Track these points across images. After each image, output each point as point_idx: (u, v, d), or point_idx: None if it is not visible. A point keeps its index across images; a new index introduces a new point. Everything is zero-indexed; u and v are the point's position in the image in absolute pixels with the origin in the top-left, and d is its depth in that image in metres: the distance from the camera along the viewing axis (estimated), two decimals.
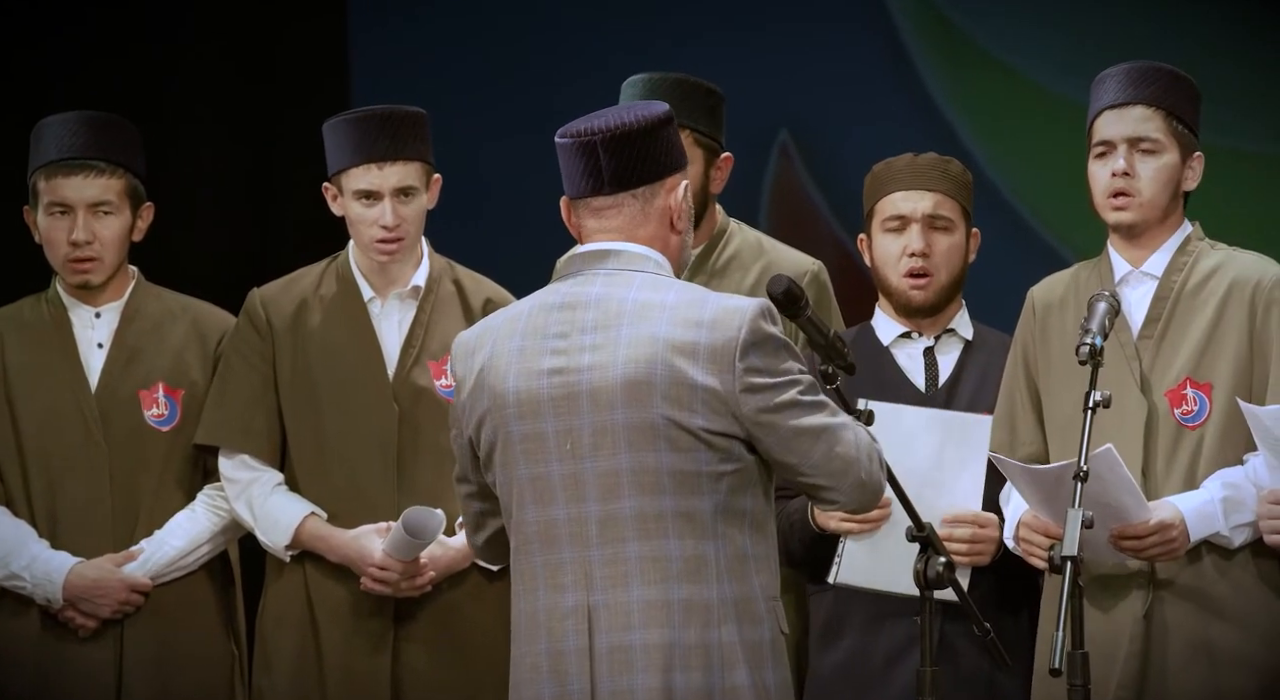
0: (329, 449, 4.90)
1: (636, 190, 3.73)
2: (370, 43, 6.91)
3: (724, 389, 3.63)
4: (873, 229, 4.85)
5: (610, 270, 3.73)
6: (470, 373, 3.77)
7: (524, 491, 3.72)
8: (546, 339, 3.71)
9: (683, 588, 3.63)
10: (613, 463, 3.65)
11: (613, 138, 3.71)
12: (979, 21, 6.60)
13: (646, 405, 3.63)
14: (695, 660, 3.62)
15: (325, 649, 4.87)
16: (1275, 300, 4.53)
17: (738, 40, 6.68)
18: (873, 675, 4.68)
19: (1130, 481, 4.39)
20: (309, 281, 5.00)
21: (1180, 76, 4.60)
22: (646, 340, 3.65)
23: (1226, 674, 4.46)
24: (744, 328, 3.64)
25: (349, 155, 4.86)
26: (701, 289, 3.73)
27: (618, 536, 3.65)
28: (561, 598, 3.68)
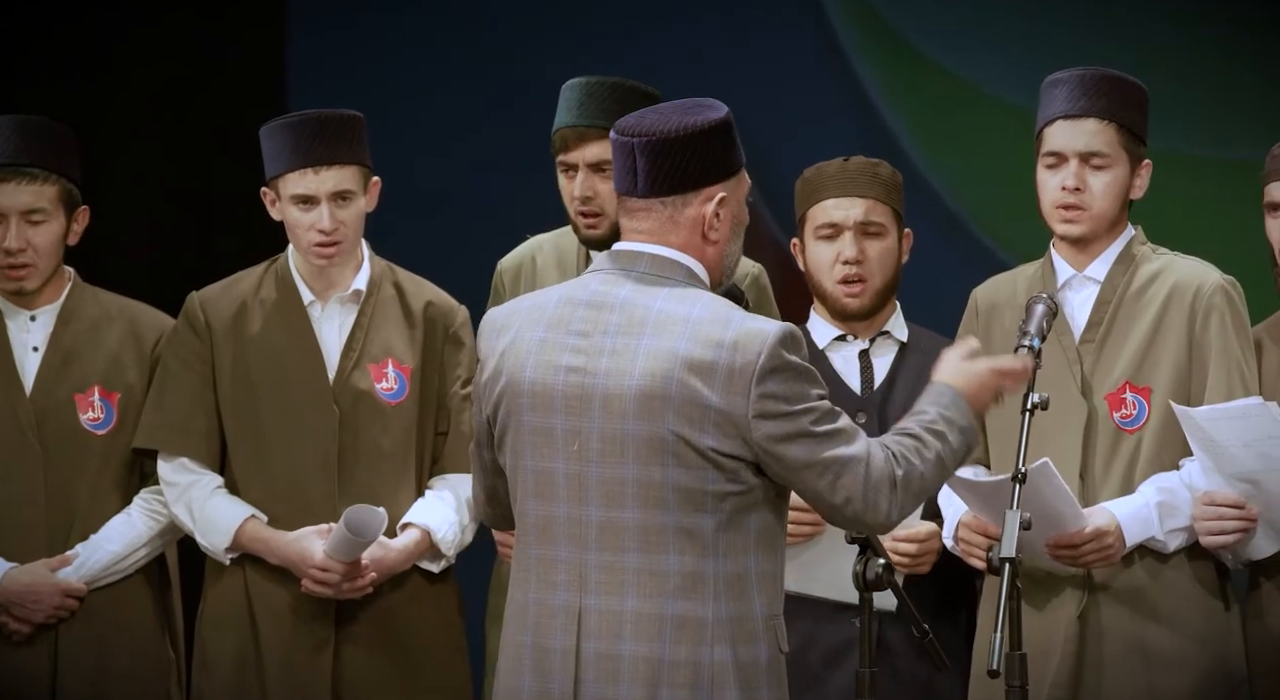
0: (269, 452, 4.89)
1: (666, 198, 3.70)
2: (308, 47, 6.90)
3: (737, 412, 3.61)
4: (805, 235, 4.86)
5: (641, 273, 3.70)
6: (493, 354, 3.75)
7: (527, 483, 3.71)
8: (568, 335, 3.68)
9: (677, 603, 3.61)
10: (619, 471, 3.64)
11: (649, 143, 3.67)
12: (916, 23, 6.62)
13: (658, 420, 3.61)
14: (683, 677, 3.61)
15: (265, 651, 4.85)
16: (1215, 306, 4.55)
17: (676, 42, 6.68)
18: (810, 678, 4.69)
19: (1067, 493, 4.41)
20: (248, 284, 4.98)
21: (1131, 84, 4.60)
22: (665, 354, 3.62)
23: (1161, 675, 4.49)
24: (764, 353, 3.61)
25: (285, 160, 4.85)
26: (728, 305, 3.69)
27: (617, 545, 3.64)
28: (553, 595, 3.67)
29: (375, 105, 5.06)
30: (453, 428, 4.94)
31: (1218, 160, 6.35)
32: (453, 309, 5.00)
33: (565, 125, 4.94)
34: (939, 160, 6.58)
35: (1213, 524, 4.46)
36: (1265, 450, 4.39)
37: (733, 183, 3.73)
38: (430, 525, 4.88)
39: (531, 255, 5.11)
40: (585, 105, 4.93)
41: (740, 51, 6.67)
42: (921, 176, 6.50)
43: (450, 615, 4.96)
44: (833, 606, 4.62)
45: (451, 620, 4.96)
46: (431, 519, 4.89)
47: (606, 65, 5.23)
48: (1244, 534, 4.47)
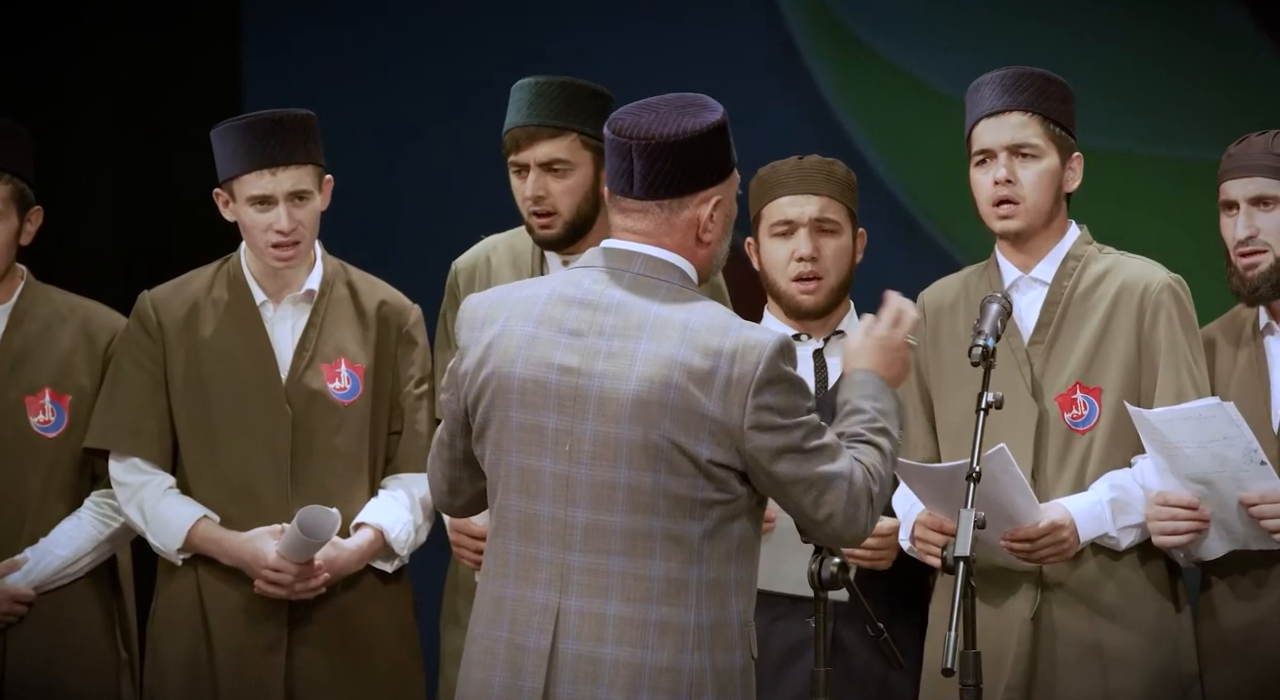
0: (221, 452, 4.87)
1: (664, 201, 3.69)
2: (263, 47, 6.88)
3: (733, 423, 3.61)
4: (760, 234, 4.87)
5: (635, 274, 3.68)
6: (477, 344, 3.72)
7: (511, 479, 3.69)
8: (561, 333, 3.66)
9: (661, 609, 3.62)
10: (610, 475, 3.63)
11: (647, 146, 3.66)
12: (870, 24, 6.63)
13: (654, 426, 3.61)
14: (664, 683, 3.61)
15: (218, 652, 4.84)
16: (1163, 305, 4.58)
17: (628, 41, 6.68)
18: (764, 678, 4.69)
19: (1023, 481, 4.43)
20: (200, 284, 4.96)
21: (1052, 78, 4.64)
22: (664, 361, 3.61)
23: (1114, 674, 4.51)
24: (762, 364, 3.61)
25: (240, 161, 4.83)
26: (724, 311, 3.69)
27: (603, 548, 3.63)
28: (532, 593, 3.66)
29: (329, 105, 5.05)
30: (406, 427, 4.93)
31: (1169, 160, 6.38)
32: (406, 308, 4.99)
33: (516, 125, 4.94)
34: (892, 160, 6.60)
35: (1166, 524, 4.49)
36: (1219, 451, 4.41)
37: (726, 184, 3.74)
38: (384, 525, 4.87)
39: (486, 255, 5.10)
40: (535, 105, 4.93)
41: (693, 50, 6.68)
42: (875, 176, 6.51)
43: (404, 615, 4.96)
44: (788, 601, 4.63)
45: (405, 620, 4.95)
46: (385, 519, 4.88)
47: (558, 65, 5.23)
48: (1196, 535, 4.49)
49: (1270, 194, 4.58)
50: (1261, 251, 4.57)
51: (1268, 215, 4.58)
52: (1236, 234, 4.59)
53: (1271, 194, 4.58)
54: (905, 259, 6.21)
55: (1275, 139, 4.59)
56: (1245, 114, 5.96)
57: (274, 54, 6.86)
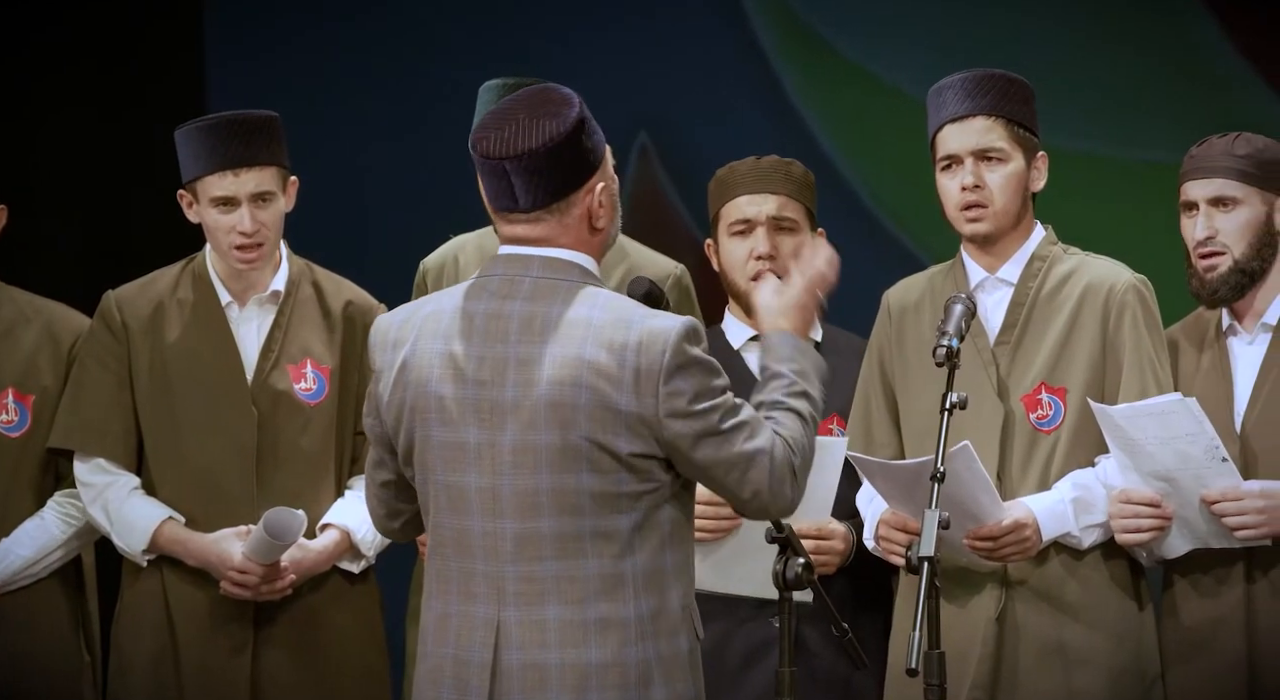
0: (186, 453, 4.87)
1: (552, 206, 3.70)
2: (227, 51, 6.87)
3: (648, 413, 3.62)
4: (719, 234, 4.88)
5: (535, 278, 3.69)
6: (391, 366, 3.72)
7: (440, 496, 3.70)
8: (470, 345, 3.67)
9: (599, 606, 3.62)
10: (533, 481, 3.63)
11: (522, 163, 3.66)
12: (835, 25, 6.64)
13: (570, 428, 3.62)
14: (611, 679, 3.62)
15: (183, 653, 4.83)
16: (1127, 305, 4.60)
17: (597, 42, 6.69)
18: (728, 678, 4.70)
19: (986, 479, 4.44)
20: (165, 284, 4.96)
21: (1013, 79, 4.66)
22: (571, 361, 3.62)
23: (1078, 673, 4.53)
24: (668, 351, 3.62)
25: (204, 162, 4.83)
26: (628, 304, 3.68)
27: (535, 554, 3.63)
28: (473, 608, 3.66)
29: (296, 106, 5.05)
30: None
31: (1131, 161, 6.40)
32: (372, 308, 4.99)
33: None
34: (856, 160, 6.61)
35: (1128, 522, 4.50)
36: (1182, 448, 4.43)
37: (604, 166, 3.75)
38: (349, 525, 4.87)
39: (454, 255, 5.11)
40: None
41: (658, 51, 6.69)
42: (839, 176, 6.53)
43: (370, 616, 4.95)
44: (752, 604, 4.64)
45: (371, 621, 4.95)
46: (351, 519, 4.88)
47: (524, 66, 5.23)
48: (1159, 532, 4.51)
49: (1230, 195, 4.60)
50: (1220, 253, 4.59)
51: (1227, 216, 4.61)
52: (1196, 235, 4.62)
53: (1231, 195, 4.60)
54: (869, 258, 6.21)
55: (1236, 141, 4.62)
56: (1209, 116, 5.98)
57: (238, 55, 6.85)
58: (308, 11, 6.88)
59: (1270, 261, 4.61)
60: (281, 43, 6.84)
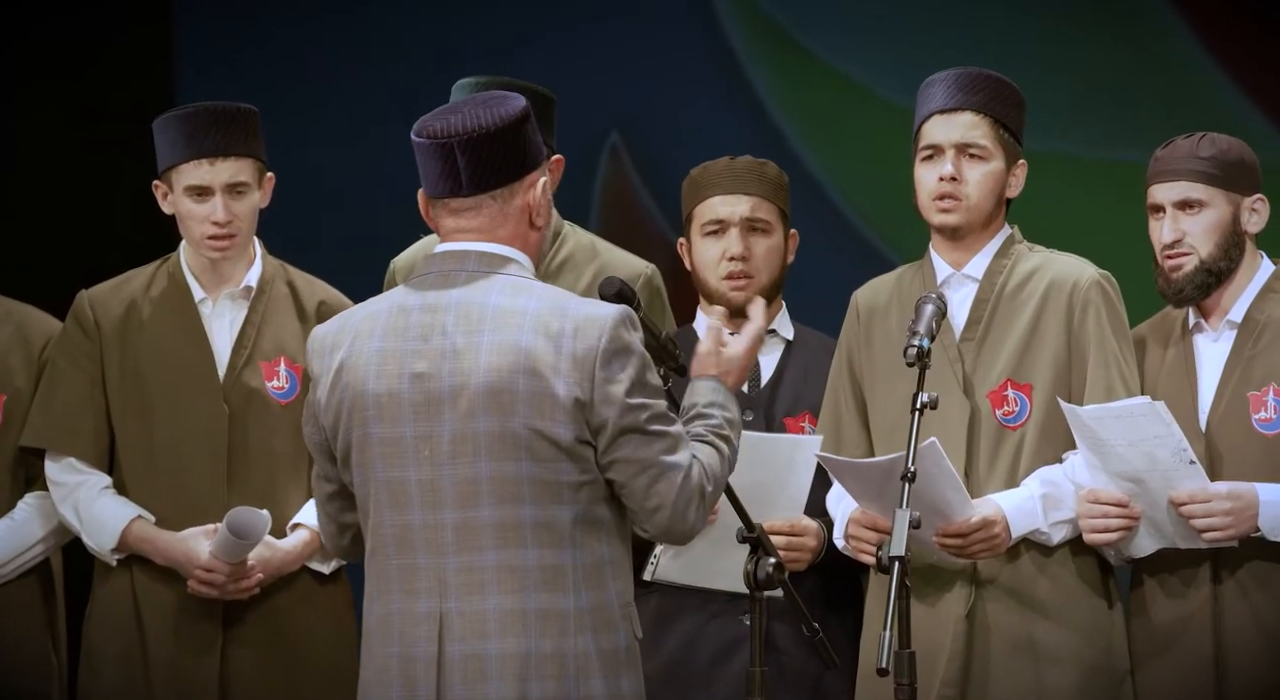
0: (158, 451, 4.86)
1: (495, 192, 3.71)
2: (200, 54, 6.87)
3: (584, 397, 3.63)
4: (692, 233, 4.89)
5: (470, 271, 3.70)
6: (327, 370, 3.74)
7: (380, 495, 3.70)
8: (407, 341, 3.68)
9: (540, 597, 3.63)
10: (472, 470, 3.64)
11: (469, 140, 3.68)
12: (806, 26, 6.66)
13: (509, 415, 3.63)
14: (551, 669, 3.63)
15: (152, 652, 4.83)
16: (1092, 301, 4.62)
17: (569, 42, 6.70)
18: (697, 676, 4.71)
19: (955, 476, 4.46)
20: (139, 282, 4.96)
21: (1006, 84, 4.68)
22: (509, 349, 3.63)
23: (1047, 670, 4.54)
24: (604, 336, 3.64)
25: (180, 151, 4.83)
26: (563, 294, 3.71)
27: (475, 544, 3.64)
28: (415, 603, 3.67)
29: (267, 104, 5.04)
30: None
31: (1099, 161, 6.42)
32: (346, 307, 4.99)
33: None
34: (828, 161, 6.63)
35: (1096, 521, 4.52)
36: (1150, 450, 4.45)
37: (544, 168, 3.78)
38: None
39: (425, 255, 5.10)
40: None
41: (631, 52, 6.70)
42: (810, 177, 6.54)
43: (340, 616, 4.95)
44: (723, 599, 4.65)
45: (342, 621, 4.94)
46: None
47: (497, 66, 5.23)
48: (1126, 532, 4.53)
49: (1195, 197, 4.62)
50: (1186, 254, 4.61)
51: (1193, 219, 4.63)
52: (1163, 237, 4.63)
53: (1196, 197, 4.62)
54: (840, 259, 6.24)
55: (1200, 142, 4.64)
56: (1177, 116, 6.00)
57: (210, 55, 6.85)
58: (281, 13, 6.88)
59: (1237, 261, 4.63)
60: (254, 45, 6.84)
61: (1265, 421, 4.55)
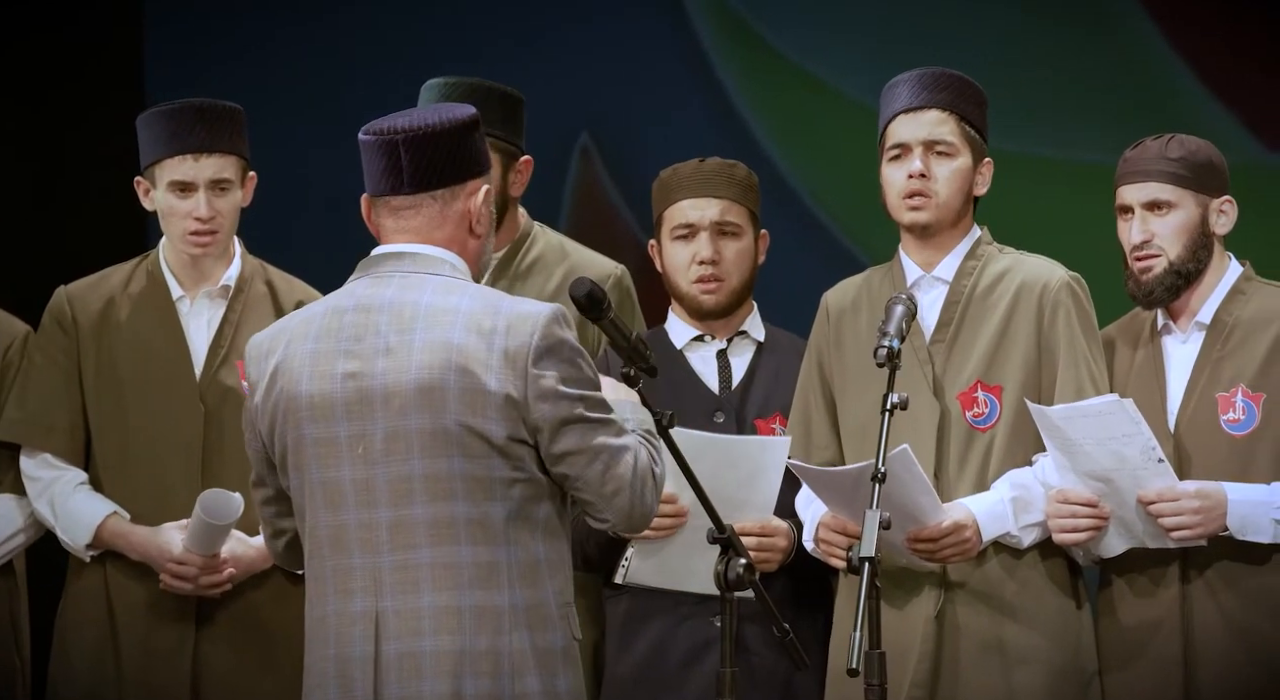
0: (133, 448, 4.86)
1: (436, 192, 3.73)
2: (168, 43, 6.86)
3: (518, 394, 3.64)
4: (662, 236, 4.90)
5: (405, 272, 3.72)
6: (264, 375, 3.75)
7: (315, 496, 3.71)
8: (340, 341, 3.69)
9: (474, 594, 3.64)
10: (405, 468, 3.65)
11: (415, 138, 3.69)
12: (776, 26, 6.67)
13: (441, 412, 3.63)
14: (485, 666, 3.63)
15: (124, 649, 4.83)
16: (1061, 303, 4.63)
17: (540, 42, 6.69)
18: (669, 677, 4.72)
19: (925, 482, 4.47)
20: (118, 279, 4.96)
21: (970, 82, 4.70)
22: (440, 346, 3.64)
23: (1016, 671, 4.55)
24: (536, 333, 3.65)
25: (163, 146, 4.83)
26: (496, 293, 3.72)
27: (409, 543, 3.65)
28: (350, 603, 3.67)
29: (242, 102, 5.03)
30: None
31: (1068, 163, 6.44)
32: None
33: None
34: (799, 163, 6.63)
35: (1066, 521, 4.53)
36: (1118, 448, 4.46)
37: (489, 178, 3.79)
38: None
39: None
40: None
41: (600, 52, 6.70)
42: (781, 179, 6.55)
43: None
44: (694, 601, 4.65)
45: None
46: None
47: (467, 67, 5.23)
48: (1096, 532, 4.54)
49: (1164, 199, 4.64)
50: (1155, 255, 4.63)
51: (1162, 220, 4.64)
52: (1131, 238, 4.65)
53: (1165, 199, 4.64)
54: (811, 260, 6.24)
55: (1169, 144, 4.65)
56: (1146, 117, 6.02)
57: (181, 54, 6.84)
58: (251, 12, 6.87)
59: (1205, 262, 4.65)
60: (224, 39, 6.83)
61: (1234, 422, 4.57)
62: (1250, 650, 4.50)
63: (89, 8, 6.78)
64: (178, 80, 6.67)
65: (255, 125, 5.00)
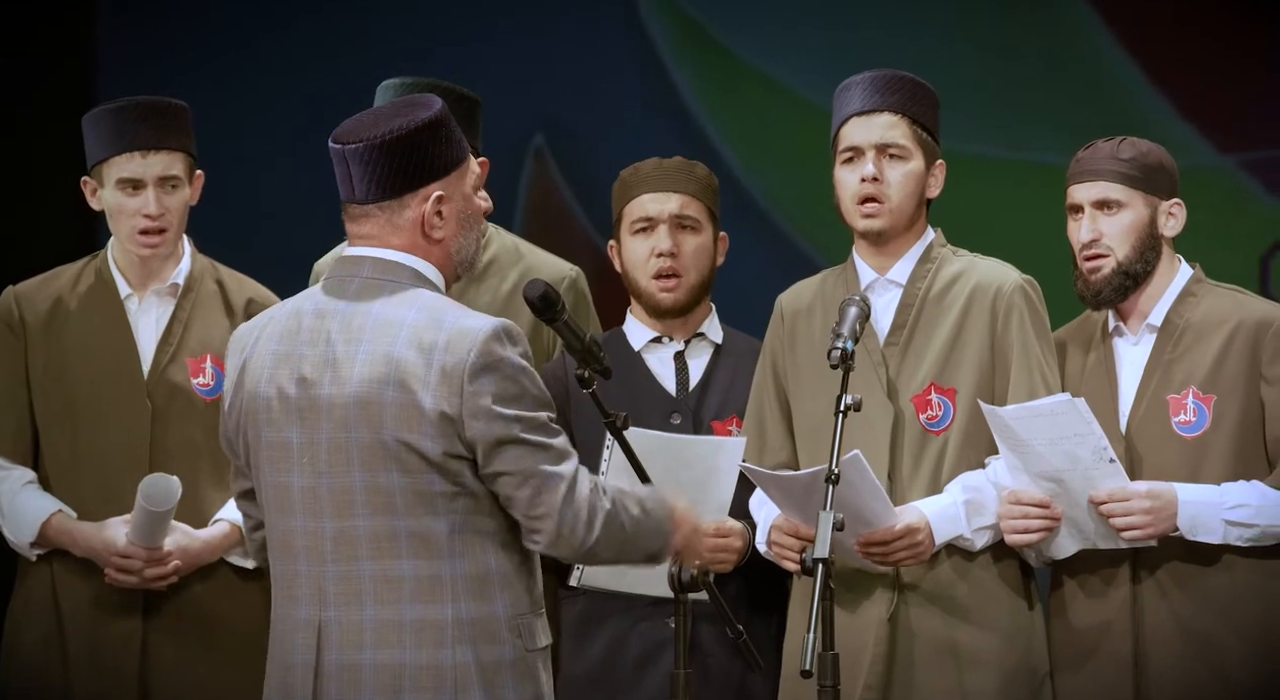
0: (81, 447, 4.85)
1: (383, 203, 3.70)
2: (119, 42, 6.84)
3: (452, 412, 3.61)
4: (621, 233, 4.90)
5: (364, 278, 3.71)
6: (234, 370, 3.76)
7: (269, 499, 3.71)
8: (297, 345, 3.69)
9: (415, 608, 3.62)
10: (347, 480, 3.64)
11: (360, 151, 3.68)
12: (731, 28, 6.68)
13: (377, 426, 3.62)
14: (426, 681, 3.61)
15: (71, 645, 4.81)
16: (1015, 306, 4.65)
17: (495, 45, 6.69)
18: (624, 679, 4.72)
19: (878, 487, 4.47)
20: (66, 279, 4.94)
21: (922, 85, 4.71)
22: (382, 359, 3.63)
23: (969, 673, 4.57)
24: (474, 350, 3.61)
25: (111, 144, 4.81)
26: (445, 305, 3.68)
27: (351, 554, 3.64)
28: (295, 611, 3.68)
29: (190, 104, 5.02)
30: None
31: (1023, 164, 6.46)
32: None
33: None
34: (753, 164, 6.65)
35: (1018, 523, 4.55)
36: (1070, 448, 4.48)
37: (452, 179, 3.73)
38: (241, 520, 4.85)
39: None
40: None
41: (556, 53, 6.70)
42: (735, 180, 6.56)
43: (262, 612, 4.93)
44: (647, 602, 4.66)
45: (262, 616, 4.92)
46: None
47: (422, 65, 5.23)
48: (1048, 533, 4.56)
49: (1114, 198, 4.66)
50: (1104, 255, 4.65)
51: (1111, 219, 4.67)
52: (1081, 238, 4.68)
53: (1115, 198, 4.66)
54: (765, 261, 6.26)
55: (1121, 145, 4.68)
56: (1097, 120, 6.05)
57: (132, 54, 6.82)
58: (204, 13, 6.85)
59: (1154, 264, 4.67)
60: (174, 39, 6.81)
61: (1184, 424, 4.59)
62: (1200, 650, 4.53)
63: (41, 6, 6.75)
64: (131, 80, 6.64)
65: (207, 126, 5.00)
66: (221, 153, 5.41)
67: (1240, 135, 6.44)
